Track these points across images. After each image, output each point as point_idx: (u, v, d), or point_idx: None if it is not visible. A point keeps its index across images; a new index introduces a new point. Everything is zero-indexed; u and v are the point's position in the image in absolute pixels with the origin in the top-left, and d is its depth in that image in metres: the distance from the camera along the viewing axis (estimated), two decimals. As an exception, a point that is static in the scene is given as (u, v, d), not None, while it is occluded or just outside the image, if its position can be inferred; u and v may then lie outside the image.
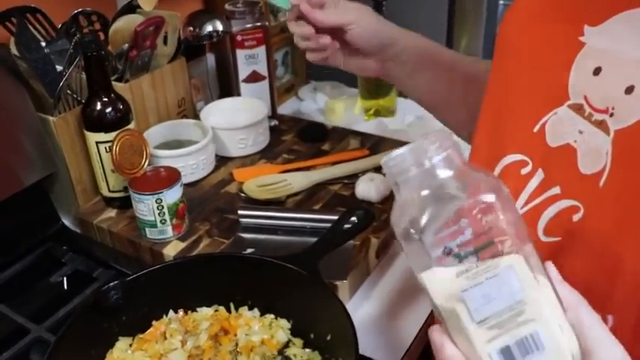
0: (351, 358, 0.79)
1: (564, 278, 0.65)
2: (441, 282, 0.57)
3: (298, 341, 0.95)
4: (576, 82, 0.69)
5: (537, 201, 0.72)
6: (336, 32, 1.01)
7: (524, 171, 0.74)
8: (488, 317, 0.56)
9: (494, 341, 0.56)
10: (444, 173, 0.57)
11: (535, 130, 0.72)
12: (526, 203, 0.73)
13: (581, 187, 0.68)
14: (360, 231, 1.02)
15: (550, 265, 0.61)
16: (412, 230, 0.57)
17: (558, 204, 0.70)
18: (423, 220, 0.56)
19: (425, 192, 0.57)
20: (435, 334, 0.60)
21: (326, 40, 1.01)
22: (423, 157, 0.57)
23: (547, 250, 0.70)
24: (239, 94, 1.56)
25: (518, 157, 0.74)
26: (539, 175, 0.72)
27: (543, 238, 0.71)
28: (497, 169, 0.77)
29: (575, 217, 0.68)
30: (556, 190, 0.70)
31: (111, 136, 1.19)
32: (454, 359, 0.59)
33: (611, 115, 0.65)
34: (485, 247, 0.56)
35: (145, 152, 1.19)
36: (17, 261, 1.21)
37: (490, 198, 0.56)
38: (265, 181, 1.30)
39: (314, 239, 1.01)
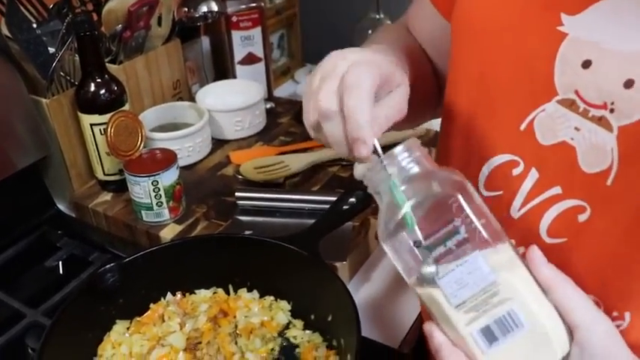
0: (353, 338, 0.78)
1: (575, 279, 0.64)
2: (420, 277, 0.62)
3: (299, 323, 0.94)
4: (564, 76, 0.64)
5: (536, 202, 0.69)
6: None
7: (516, 171, 0.70)
8: (464, 301, 0.60)
9: (473, 323, 0.60)
10: (412, 177, 0.62)
11: (522, 128, 0.68)
12: (523, 205, 0.70)
13: (586, 187, 0.65)
14: (360, 211, 1.00)
15: (534, 249, 0.63)
16: (391, 232, 0.62)
17: (561, 204, 0.67)
18: (396, 220, 0.61)
19: (394, 197, 0.61)
20: (425, 326, 0.64)
21: None
22: (394, 165, 0.62)
23: (552, 251, 0.68)
24: (234, 77, 1.54)
25: (507, 157, 0.71)
26: (534, 175, 0.69)
27: (547, 240, 0.69)
28: (484, 171, 0.73)
29: (582, 218, 0.66)
30: (556, 190, 0.67)
31: (105, 117, 1.17)
32: (442, 345, 0.62)
33: (612, 110, 0.61)
34: (451, 238, 0.60)
35: (140, 134, 1.17)
36: (11, 245, 1.20)
37: (452, 194, 0.61)
38: (262, 162, 1.28)
39: (312, 221, 0.99)
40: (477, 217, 0.61)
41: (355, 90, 0.62)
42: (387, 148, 0.63)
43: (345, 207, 0.99)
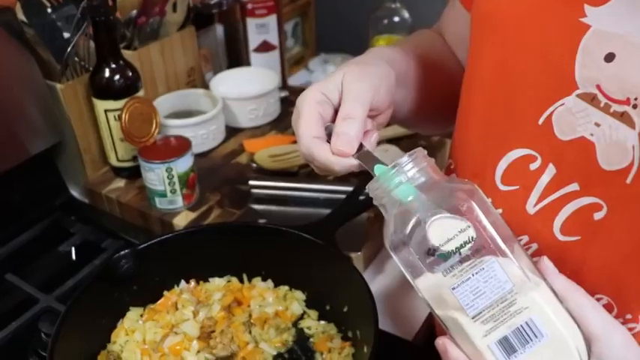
0: (370, 330, 0.77)
1: (587, 279, 0.63)
2: (434, 287, 0.60)
3: (313, 313, 0.93)
4: (585, 70, 0.62)
5: (552, 198, 0.68)
6: None
7: (534, 166, 0.68)
8: (481, 311, 0.58)
9: (491, 334, 0.58)
10: (421, 185, 0.61)
11: (540, 122, 0.66)
12: (539, 200, 0.69)
13: (604, 184, 0.63)
14: (376, 202, 1.00)
15: (545, 260, 0.61)
16: (401, 241, 0.60)
17: (577, 202, 0.66)
18: (407, 229, 0.59)
19: (405, 205, 0.60)
20: (438, 341, 0.62)
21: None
22: (400, 175, 0.61)
23: (564, 248, 0.67)
24: (249, 65, 1.53)
25: (525, 151, 0.69)
26: (551, 171, 0.67)
27: (560, 237, 0.68)
28: (501, 165, 0.72)
29: (598, 216, 0.65)
30: (574, 186, 0.66)
31: (120, 103, 1.16)
32: None
33: (635, 106, 0.59)
34: (465, 246, 0.58)
35: (154, 121, 1.16)
36: (25, 231, 1.19)
37: (464, 202, 0.59)
38: (277, 151, 1.28)
39: (327, 210, 0.99)
40: (491, 224, 0.59)
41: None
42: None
43: (361, 197, 0.98)
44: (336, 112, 0.69)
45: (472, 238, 0.58)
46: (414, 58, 0.85)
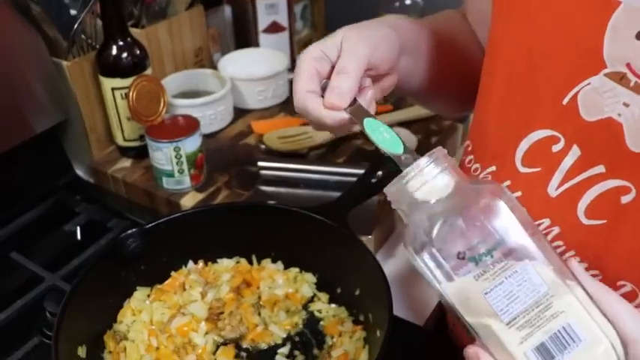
0: (384, 314, 0.75)
1: (613, 264, 0.61)
2: (463, 292, 0.56)
3: (324, 296, 0.91)
4: (614, 48, 0.59)
5: (576, 180, 0.65)
6: None
7: (556, 148, 0.66)
8: (516, 317, 0.54)
9: (527, 340, 0.54)
10: (445, 188, 0.58)
11: (564, 102, 0.64)
12: (562, 183, 0.66)
13: (632, 166, 0.61)
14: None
15: (572, 261, 0.58)
16: (426, 246, 0.57)
17: (603, 184, 0.63)
18: (434, 233, 0.57)
19: (429, 209, 0.58)
20: (469, 350, 0.58)
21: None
22: (423, 177, 0.58)
23: (589, 233, 0.65)
24: (257, 46, 1.51)
25: (547, 132, 0.66)
26: (575, 152, 0.65)
27: (585, 221, 0.65)
28: (522, 147, 0.69)
29: (625, 199, 0.62)
30: (599, 169, 0.63)
31: (127, 81, 1.14)
32: None
33: None
34: (497, 248, 0.55)
35: (162, 99, 1.14)
36: (29, 210, 1.17)
37: (493, 202, 0.57)
38: (286, 132, 1.26)
39: (337, 194, 0.97)
40: (522, 223, 0.57)
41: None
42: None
43: (374, 179, 0.96)
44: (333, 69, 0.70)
45: (503, 240, 0.56)
46: (428, 32, 0.83)
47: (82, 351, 0.80)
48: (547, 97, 0.66)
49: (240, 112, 1.38)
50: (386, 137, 0.66)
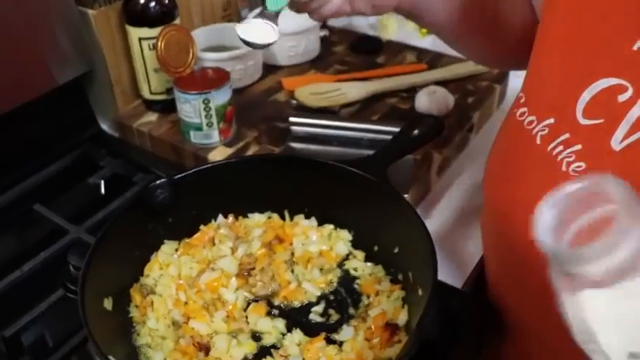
0: (427, 272, 0.71)
1: None
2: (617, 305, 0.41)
3: (360, 254, 0.87)
4: None
5: None
6: None
7: (623, 98, 0.61)
8: None
9: None
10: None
11: (635, 47, 0.60)
12: (627, 135, 0.61)
13: None
14: (430, 139, 0.93)
15: None
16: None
17: None
18: None
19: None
20: None
21: None
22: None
23: None
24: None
25: (613, 81, 0.62)
26: None
27: None
28: (584, 97, 0.64)
29: None
30: None
31: (155, 31, 1.10)
32: None
33: None
34: None
35: (191, 50, 1.10)
36: (52, 162, 1.14)
37: None
38: (318, 89, 1.21)
39: (371, 152, 0.92)
40: None
41: None
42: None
43: (415, 133, 0.91)
44: None
45: None
46: None
47: (108, 303, 0.77)
48: (615, 43, 0.62)
49: (269, 69, 1.33)
50: None
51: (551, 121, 0.66)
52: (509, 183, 0.71)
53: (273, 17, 0.73)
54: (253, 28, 0.73)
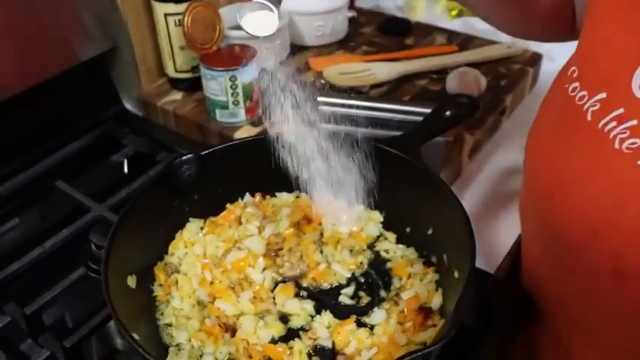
0: (464, 254, 0.68)
1: None
2: None
3: (391, 235, 0.84)
4: None
5: None
6: None
7: None
8: None
9: None
10: None
11: None
12: None
13: None
14: (464, 119, 0.90)
15: None
16: None
17: None
18: None
19: None
20: None
21: None
22: None
23: None
24: (316, -20, 1.42)
25: None
26: None
27: None
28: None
29: None
30: None
31: (181, 7, 1.07)
32: None
33: None
34: None
35: (218, 27, 1.08)
36: (75, 140, 1.12)
37: None
38: (347, 69, 1.18)
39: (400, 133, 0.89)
40: None
41: None
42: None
43: (448, 113, 0.88)
44: None
45: None
46: None
47: (131, 281, 0.75)
48: None
49: (296, 49, 1.30)
50: None
51: (604, 95, 0.63)
52: (554, 163, 0.68)
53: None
54: (255, 16, 0.69)
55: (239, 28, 1.20)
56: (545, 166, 0.70)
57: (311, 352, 0.72)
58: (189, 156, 0.81)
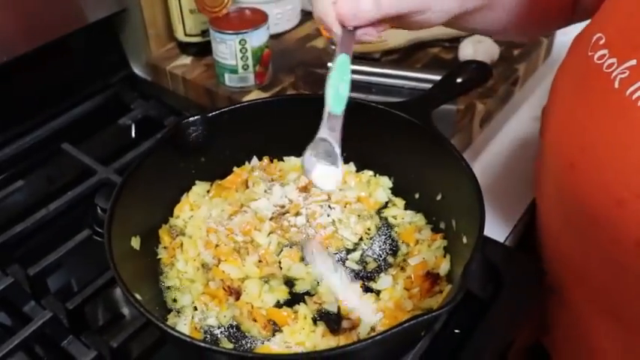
0: (472, 219, 0.66)
1: None
2: None
3: (400, 201, 0.83)
4: None
5: None
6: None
7: None
8: None
9: None
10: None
11: None
12: None
13: None
14: (476, 86, 0.89)
15: None
16: None
17: None
18: None
19: None
20: None
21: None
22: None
23: None
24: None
25: None
26: None
27: None
28: None
29: None
30: None
31: (192, -31, 1.06)
32: None
33: None
34: None
35: (228, -10, 1.05)
36: (82, 102, 1.11)
37: None
38: (358, 35, 1.16)
39: (413, 99, 0.87)
40: None
41: None
42: None
43: (459, 79, 0.86)
44: None
45: None
46: None
47: (135, 242, 0.74)
48: None
49: (307, 15, 1.28)
50: (338, 91, 0.66)
51: (634, 62, 0.61)
52: (577, 133, 0.66)
53: (339, 121, 0.68)
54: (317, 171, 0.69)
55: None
56: (566, 136, 0.68)
57: (316, 316, 0.71)
58: (196, 117, 0.79)
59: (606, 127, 0.62)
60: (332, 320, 0.71)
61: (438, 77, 0.95)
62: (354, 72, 1.03)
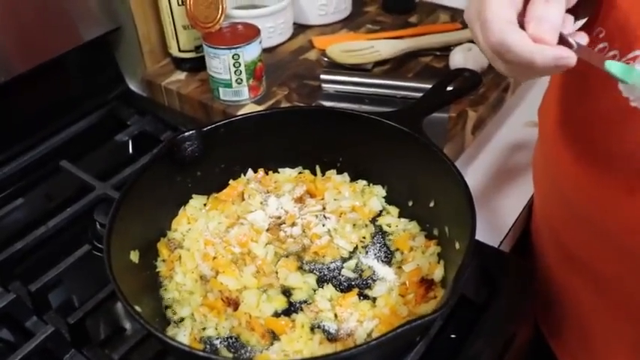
0: (464, 225, 0.68)
1: None
2: None
3: (393, 209, 0.84)
4: None
5: None
6: None
7: None
8: None
9: None
10: None
11: None
12: None
13: None
14: (466, 93, 0.90)
15: None
16: None
17: None
18: None
19: None
20: None
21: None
22: None
23: None
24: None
25: None
26: None
27: None
28: None
29: None
30: None
31: (184, -14, 1.07)
32: None
33: None
34: None
35: (221, 5, 1.07)
36: (79, 120, 1.12)
37: None
38: (350, 46, 1.17)
39: (405, 108, 0.89)
40: None
41: None
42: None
43: (449, 88, 0.88)
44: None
45: None
46: None
47: (134, 256, 0.75)
48: None
49: (300, 28, 1.30)
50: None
51: (637, 53, 0.62)
52: (580, 128, 0.67)
53: None
54: None
55: (242, 7, 1.21)
56: (571, 130, 0.69)
57: (314, 325, 0.72)
58: (191, 132, 0.81)
59: (612, 120, 0.63)
60: (329, 328, 0.72)
61: (429, 86, 0.96)
62: (346, 83, 1.06)
